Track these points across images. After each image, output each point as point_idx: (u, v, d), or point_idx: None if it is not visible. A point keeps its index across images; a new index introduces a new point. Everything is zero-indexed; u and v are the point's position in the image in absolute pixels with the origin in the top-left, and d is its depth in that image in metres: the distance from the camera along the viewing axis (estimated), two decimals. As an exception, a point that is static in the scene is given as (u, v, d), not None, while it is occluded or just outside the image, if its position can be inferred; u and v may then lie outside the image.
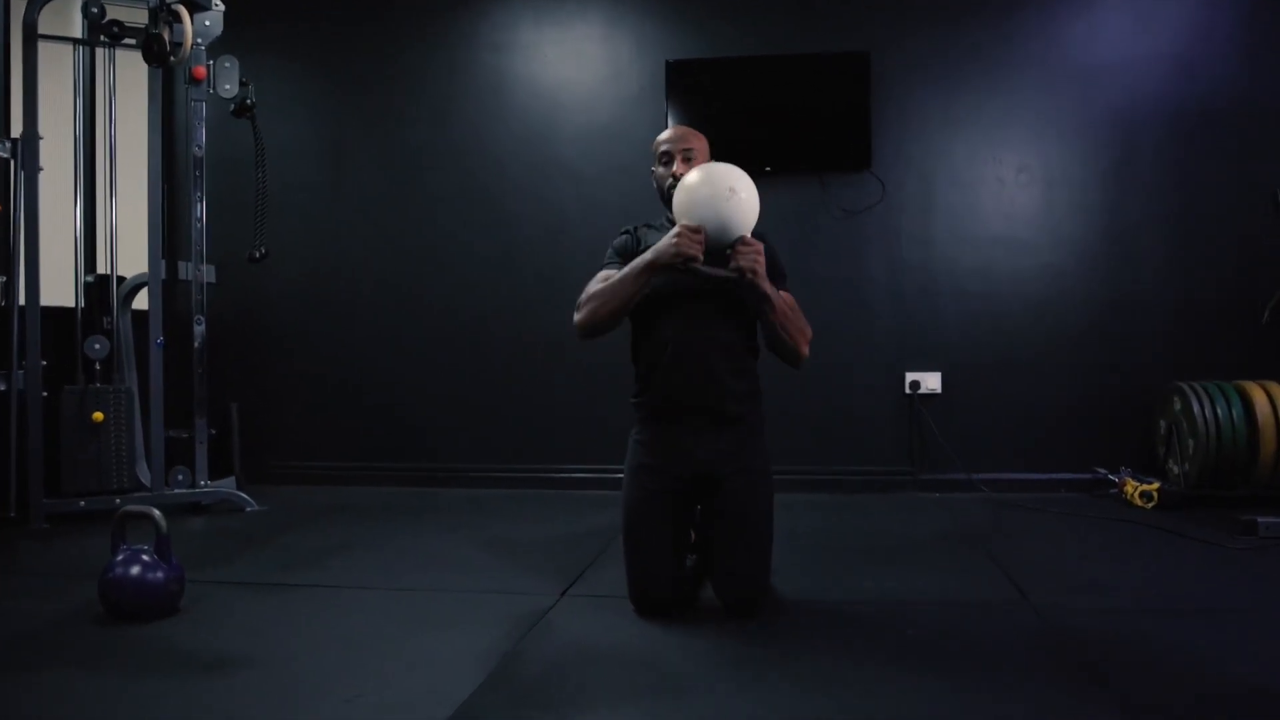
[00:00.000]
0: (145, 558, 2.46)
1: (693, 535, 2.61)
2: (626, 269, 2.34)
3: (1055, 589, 2.61)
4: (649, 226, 2.56)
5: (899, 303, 4.27)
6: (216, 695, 1.91)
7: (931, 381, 4.22)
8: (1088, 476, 4.10)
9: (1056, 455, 4.17)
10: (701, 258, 2.24)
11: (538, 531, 3.52)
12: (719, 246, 2.28)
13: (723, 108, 4.32)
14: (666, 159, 2.52)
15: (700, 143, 2.55)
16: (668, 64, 4.34)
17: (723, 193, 2.24)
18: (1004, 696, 1.87)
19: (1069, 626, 2.27)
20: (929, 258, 4.25)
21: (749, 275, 2.24)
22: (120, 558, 2.46)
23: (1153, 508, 3.70)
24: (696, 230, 2.24)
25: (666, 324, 2.40)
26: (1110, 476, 3.99)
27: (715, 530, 2.41)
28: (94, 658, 2.15)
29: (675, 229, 2.27)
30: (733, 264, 2.25)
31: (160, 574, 2.45)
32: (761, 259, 2.25)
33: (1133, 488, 3.78)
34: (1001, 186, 4.21)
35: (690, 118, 4.29)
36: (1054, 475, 4.15)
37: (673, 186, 2.43)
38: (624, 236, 2.57)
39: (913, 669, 2.03)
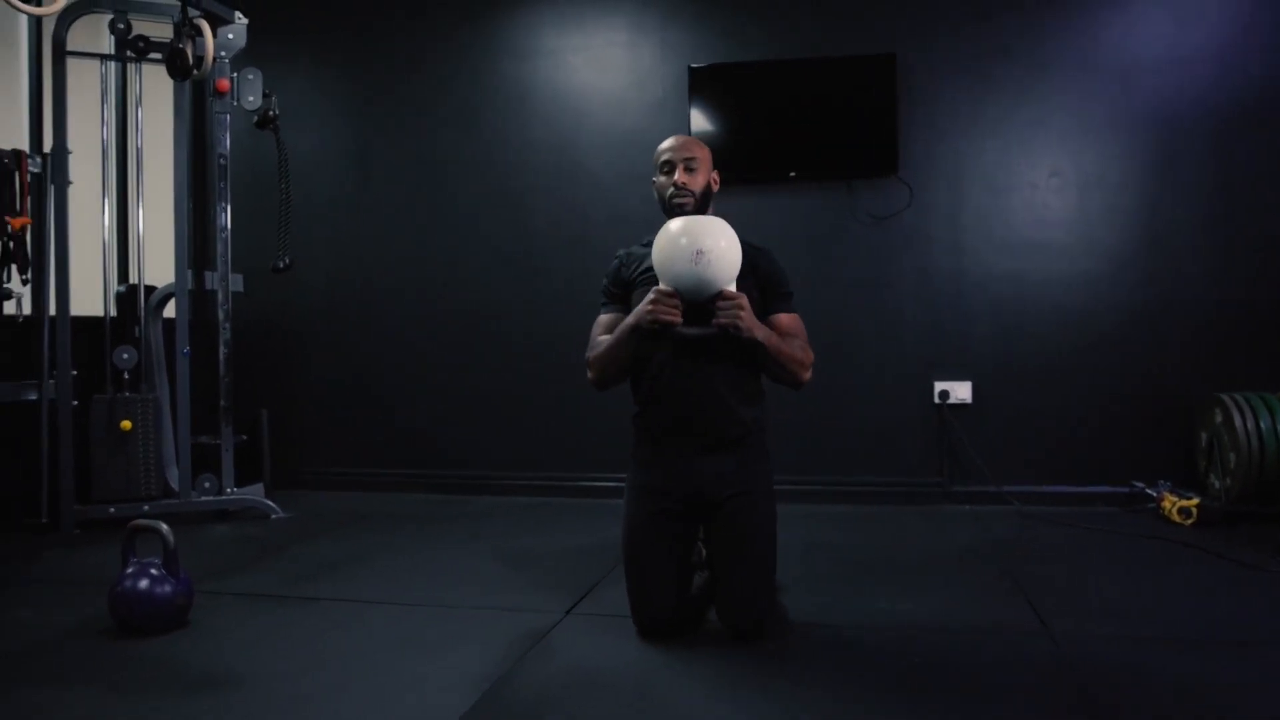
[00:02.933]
0: (153, 571, 2.48)
1: (703, 552, 2.57)
2: (616, 333, 2.35)
3: (1077, 615, 2.51)
4: (644, 245, 2.49)
5: (928, 310, 4.17)
6: (208, 714, 1.92)
7: (962, 391, 4.11)
8: (1125, 490, 3.96)
9: (1093, 468, 4.04)
10: (679, 320, 2.22)
11: (556, 543, 3.50)
12: (700, 301, 2.24)
13: (746, 113, 4.26)
14: (668, 168, 2.45)
15: (703, 152, 2.48)
16: (690, 69, 4.28)
17: (689, 256, 2.19)
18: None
19: (1085, 656, 2.18)
20: (959, 264, 4.14)
21: (731, 331, 2.21)
22: (129, 571, 2.49)
23: (1191, 524, 3.56)
24: (671, 295, 2.22)
25: (664, 349, 2.37)
26: (1148, 490, 3.86)
27: (716, 552, 2.37)
28: (96, 672, 2.18)
29: (650, 294, 2.24)
30: (715, 321, 2.23)
31: (168, 588, 2.47)
32: (744, 312, 2.21)
33: (1170, 503, 3.65)
34: (1034, 190, 4.09)
35: (713, 124, 4.25)
36: (1090, 488, 4.02)
37: (674, 196, 2.41)
38: (615, 263, 2.54)
39: (912, 699, 1.97)
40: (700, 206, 2.43)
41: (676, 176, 2.42)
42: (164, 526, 2.51)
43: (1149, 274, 4.01)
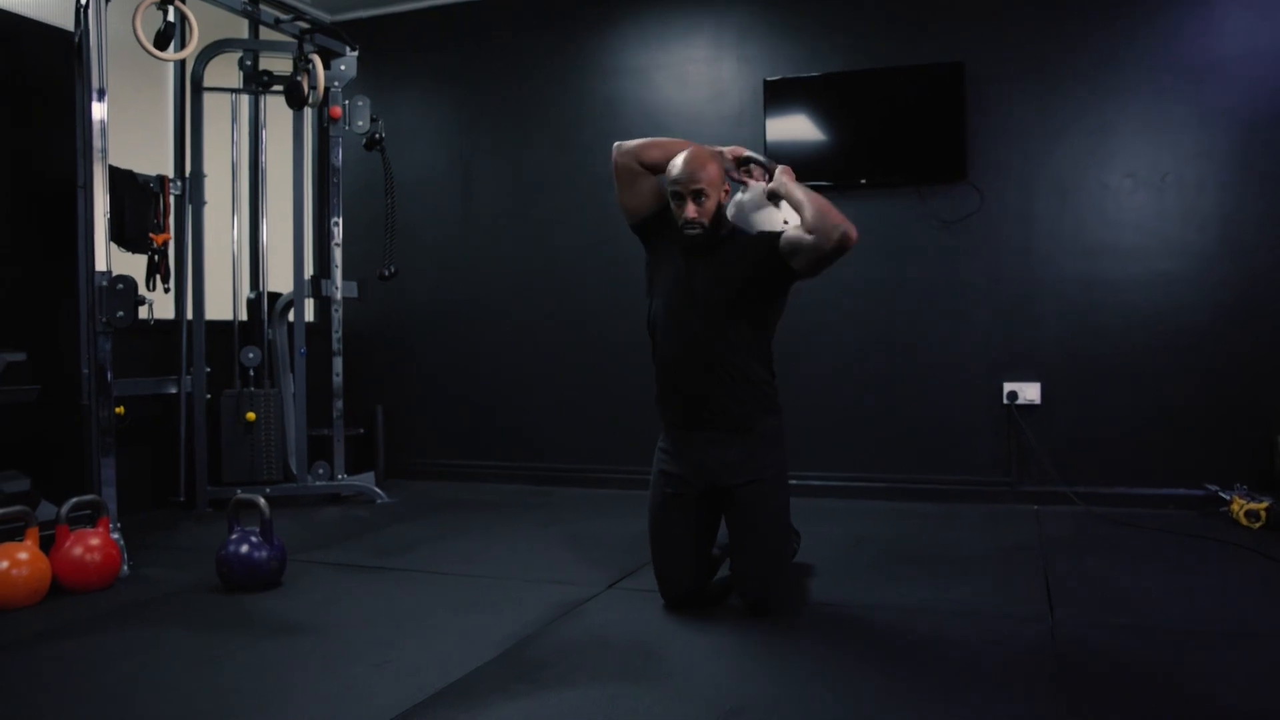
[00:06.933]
0: (253, 539, 2.87)
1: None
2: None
3: (1089, 607, 2.60)
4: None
5: (998, 312, 4.22)
6: (276, 654, 2.28)
7: (1030, 392, 4.14)
8: (1199, 493, 3.91)
9: (1166, 470, 4.00)
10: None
11: (623, 528, 3.72)
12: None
13: (819, 123, 4.43)
14: (678, 200, 2.54)
15: (709, 174, 2.51)
16: (765, 83, 4.47)
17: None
18: (956, 705, 1.95)
19: (1074, 643, 2.28)
20: (1029, 266, 4.18)
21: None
22: (233, 537, 2.89)
23: (1260, 528, 3.51)
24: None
25: (666, 341, 2.60)
26: (1222, 494, 3.80)
27: (732, 534, 2.58)
28: (197, 618, 2.58)
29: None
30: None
31: (263, 553, 2.86)
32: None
33: (1239, 505, 3.60)
34: (1106, 192, 4.08)
35: (787, 134, 4.42)
36: (1163, 490, 3.98)
37: (685, 227, 2.53)
38: None
39: (894, 669, 2.13)
40: (711, 229, 2.54)
41: (687, 212, 2.51)
42: (261, 500, 2.91)
43: (1227, 276, 3.94)
